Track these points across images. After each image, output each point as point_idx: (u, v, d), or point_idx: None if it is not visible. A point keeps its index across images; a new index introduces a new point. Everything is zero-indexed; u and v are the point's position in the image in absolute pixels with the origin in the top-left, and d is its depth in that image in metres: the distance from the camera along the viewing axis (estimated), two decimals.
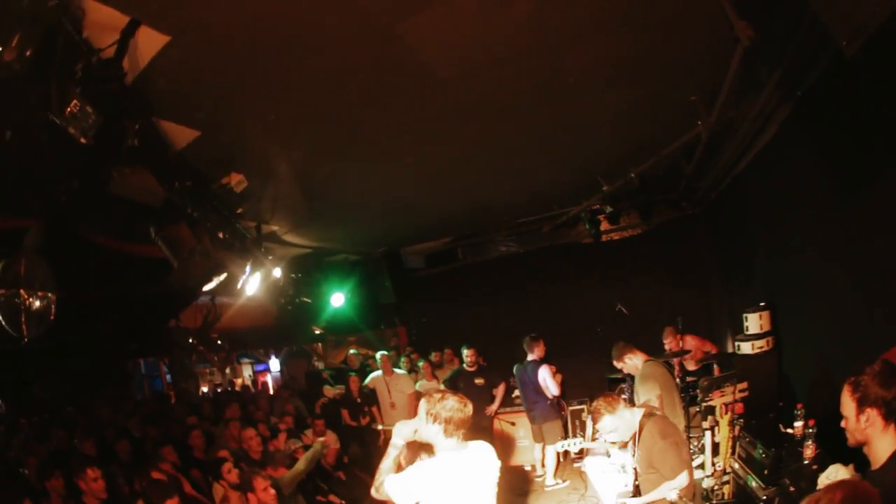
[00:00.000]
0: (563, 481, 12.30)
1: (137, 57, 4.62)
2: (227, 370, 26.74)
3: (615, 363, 9.06)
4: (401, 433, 5.21)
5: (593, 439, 10.02)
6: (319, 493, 10.21)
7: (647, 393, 8.21)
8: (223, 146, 6.51)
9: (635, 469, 6.71)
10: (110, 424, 13.12)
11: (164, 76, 4.94)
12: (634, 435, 6.50)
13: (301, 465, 8.99)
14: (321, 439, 9.68)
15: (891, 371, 3.88)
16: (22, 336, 6.36)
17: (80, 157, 4.75)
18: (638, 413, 6.51)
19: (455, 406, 5.02)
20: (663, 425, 6.40)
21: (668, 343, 11.22)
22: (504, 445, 13.78)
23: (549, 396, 12.26)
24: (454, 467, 5.02)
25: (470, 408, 5.14)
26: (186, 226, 6.27)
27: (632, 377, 10.96)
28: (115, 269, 9.88)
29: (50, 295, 6.59)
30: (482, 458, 5.23)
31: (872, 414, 3.79)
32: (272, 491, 7.33)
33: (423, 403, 5.13)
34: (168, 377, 24.37)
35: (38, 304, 6.44)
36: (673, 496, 6.00)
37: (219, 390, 22.94)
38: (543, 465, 12.65)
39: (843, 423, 4.02)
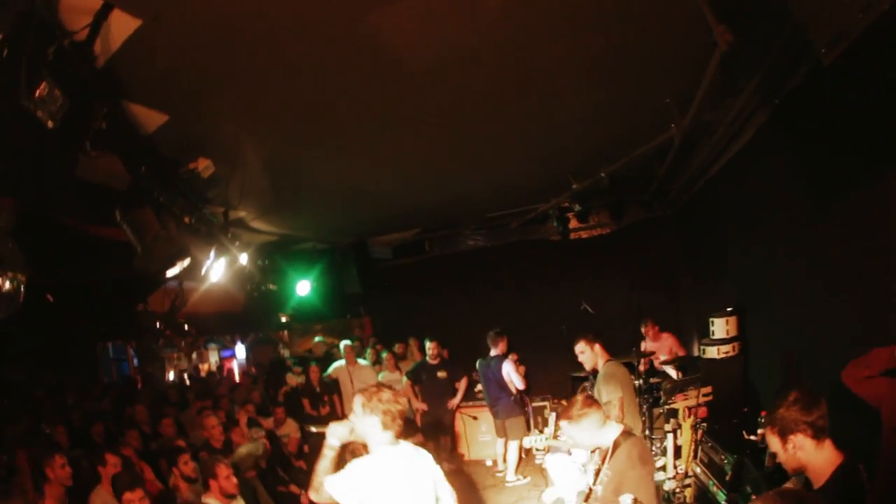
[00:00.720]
0: (525, 478, 12.32)
1: (109, 40, 4.61)
2: (194, 355, 26.71)
3: (575, 347, 8.83)
4: (336, 433, 5.26)
5: (555, 437, 10.02)
6: (280, 484, 10.21)
7: (609, 394, 7.99)
8: (192, 131, 6.51)
9: (590, 491, 6.31)
10: (76, 407, 13.08)
11: (135, 60, 4.93)
12: (605, 453, 6.10)
13: (243, 449, 9.00)
14: (261, 441, 9.64)
15: (810, 396, 3.97)
16: None
17: (48, 140, 4.71)
18: (615, 430, 6.09)
19: (391, 398, 5.07)
20: (643, 450, 6.00)
21: (649, 338, 11.35)
22: (466, 440, 13.84)
23: (513, 392, 12.30)
24: (393, 462, 5.06)
25: (404, 402, 5.25)
26: (152, 210, 6.25)
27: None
28: (84, 252, 9.91)
29: (20, 276, 6.56)
30: (419, 457, 5.29)
31: (798, 439, 3.90)
32: (234, 479, 7.31)
33: (357, 398, 5.17)
34: (135, 361, 24.27)
35: (7, 285, 6.39)
36: None
37: (185, 375, 22.93)
38: (505, 461, 12.66)
39: (777, 459, 4.13)
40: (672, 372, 10.98)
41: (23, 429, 11.38)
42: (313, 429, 5.81)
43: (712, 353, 9.07)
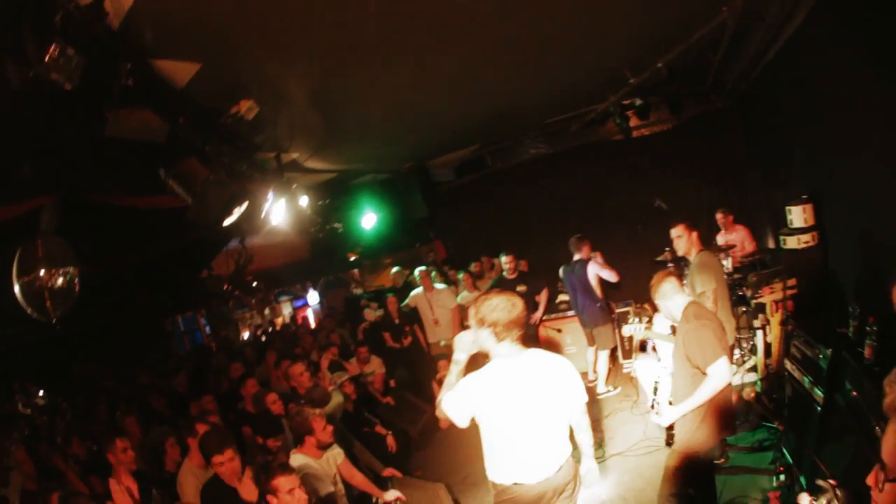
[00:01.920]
0: (615, 388, 12.12)
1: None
2: (267, 311, 26.92)
3: (672, 230, 8.40)
4: (463, 345, 4.96)
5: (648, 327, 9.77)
6: (366, 425, 10.09)
7: (703, 284, 7.72)
8: (228, 75, 6.06)
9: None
10: (152, 388, 13.10)
11: (151, 12, 4.60)
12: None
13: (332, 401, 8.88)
14: (340, 388, 9.51)
15: None
16: (49, 317, 6.28)
17: (72, 108, 4.51)
18: (685, 299, 6.10)
19: (500, 305, 4.74)
20: (698, 308, 6.00)
21: (724, 230, 10.98)
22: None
23: (600, 297, 12.00)
24: (508, 374, 4.74)
25: (519, 307, 4.81)
26: (196, 159, 6.00)
27: (678, 261, 10.67)
28: (137, 230, 9.71)
29: (72, 269, 6.48)
30: (546, 366, 4.90)
31: None
32: (330, 427, 7.15)
33: (471, 310, 4.87)
34: (207, 328, 24.53)
35: (60, 280, 6.35)
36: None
37: (258, 332, 23.05)
38: (595, 371, 12.46)
39: None
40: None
41: (100, 423, 11.45)
42: (442, 342, 5.60)
43: (792, 242, 8.71)
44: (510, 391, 4.72)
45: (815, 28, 7.69)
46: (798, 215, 8.62)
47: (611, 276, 11.88)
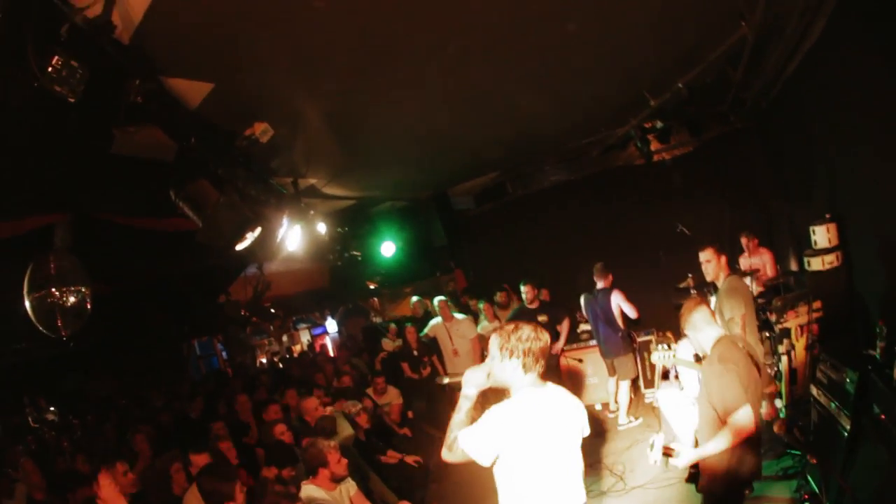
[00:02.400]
0: (636, 419, 11.88)
1: (130, 13, 4.19)
2: (285, 338, 26.83)
3: (700, 254, 8.26)
4: (473, 381, 4.64)
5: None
6: (379, 453, 9.93)
7: (731, 310, 7.55)
8: (242, 96, 5.97)
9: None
10: (165, 409, 13.00)
11: (162, 29, 4.48)
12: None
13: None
14: (345, 430, 9.29)
15: None
16: (60, 335, 6.22)
17: (77, 122, 4.43)
18: (716, 332, 5.75)
19: (531, 335, 4.46)
20: (725, 348, 5.63)
21: (748, 253, 10.82)
22: (573, 384, 13.44)
23: (622, 327, 11.80)
24: (536, 407, 4.45)
25: (546, 337, 4.56)
26: (208, 181, 5.90)
27: (702, 287, 10.49)
28: (153, 252, 9.69)
29: (83, 289, 6.44)
30: (565, 400, 4.66)
31: None
32: (345, 460, 6.98)
33: (494, 339, 4.57)
34: (224, 354, 24.50)
35: (72, 299, 6.32)
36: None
37: (275, 359, 22.97)
38: (616, 402, 12.26)
39: None
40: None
41: (109, 441, 11.36)
42: (446, 380, 5.30)
43: (817, 264, 8.42)
44: (538, 426, 4.44)
45: (834, 40, 7.52)
46: (822, 235, 8.38)
47: (631, 312, 11.71)
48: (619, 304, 11.67)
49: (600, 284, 11.86)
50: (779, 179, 12.24)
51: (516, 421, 4.38)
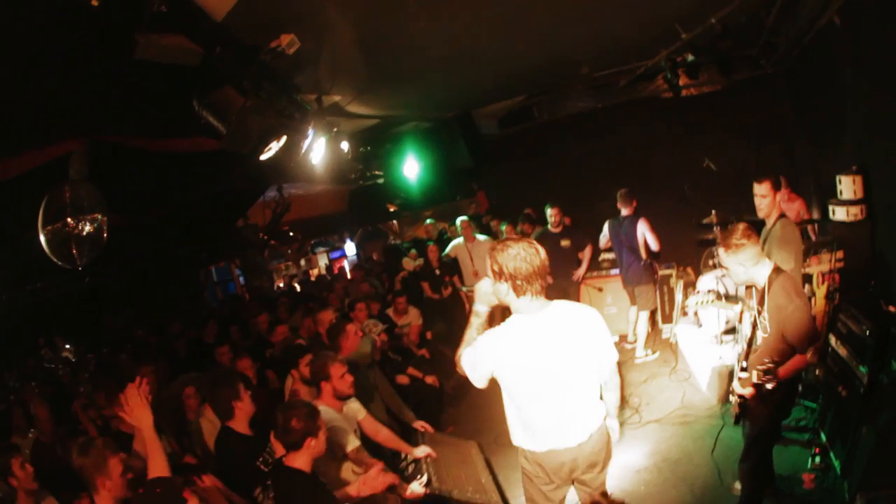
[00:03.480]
0: (653, 353, 11.91)
1: None
2: (303, 261, 26.86)
3: (756, 186, 7.62)
4: (483, 296, 4.52)
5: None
6: (396, 372, 9.91)
7: (783, 262, 6.71)
8: (269, 7, 5.85)
9: (750, 336, 5.78)
10: (180, 336, 13.00)
11: None
12: (761, 294, 5.63)
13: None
14: (371, 337, 9.03)
15: None
16: (75, 264, 6.17)
17: (99, 27, 4.31)
18: (767, 267, 5.59)
19: (520, 254, 4.22)
20: (796, 283, 5.59)
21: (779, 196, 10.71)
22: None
23: (644, 256, 11.76)
24: (531, 332, 4.27)
25: (542, 255, 4.30)
26: (233, 88, 5.77)
27: (725, 224, 10.35)
28: (171, 177, 9.55)
29: (100, 216, 6.34)
30: (573, 320, 4.42)
31: None
32: (350, 378, 6.82)
33: (488, 259, 4.36)
34: (241, 279, 24.53)
35: (88, 227, 6.25)
36: None
37: (293, 283, 22.97)
38: (636, 333, 12.26)
39: None
40: None
41: (124, 371, 11.38)
42: (465, 288, 5.19)
43: (841, 214, 8.31)
44: (533, 350, 4.28)
45: None
46: (848, 186, 8.26)
47: (653, 243, 11.65)
48: (644, 233, 11.60)
49: (625, 212, 11.80)
50: (805, 126, 12.10)
51: (505, 346, 4.29)
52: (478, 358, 4.36)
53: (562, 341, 4.35)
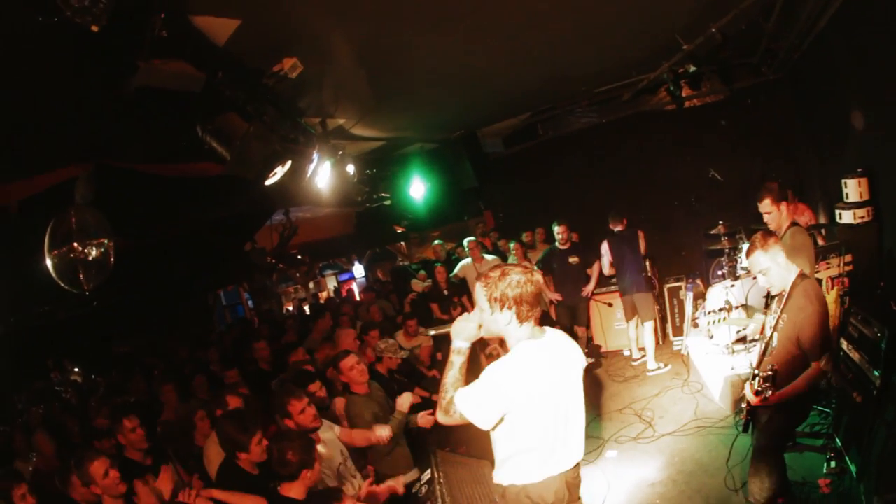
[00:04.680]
0: (665, 365, 11.87)
1: None
2: (311, 285, 26.88)
3: (759, 204, 7.71)
4: (461, 333, 4.29)
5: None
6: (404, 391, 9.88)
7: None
8: (271, 32, 5.79)
9: (767, 341, 5.80)
10: (189, 362, 12.99)
11: None
12: (783, 298, 5.60)
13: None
14: (404, 410, 8.57)
15: None
16: (82, 289, 6.17)
17: (100, 54, 4.33)
18: (794, 271, 5.61)
19: (522, 280, 4.05)
20: (818, 288, 5.51)
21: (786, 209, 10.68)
22: (602, 329, 13.43)
23: (644, 264, 11.93)
24: (539, 361, 4.10)
25: (538, 277, 4.18)
26: (236, 114, 5.79)
27: (732, 250, 10.39)
28: (177, 201, 9.59)
29: (106, 241, 6.35)
30: (565, 346, 4.34)
31: None
32: (310, 411, 6.16)
33: (480, 289, 4.15)
34: (249, 302, 24.56)
35: (94, 252, 6.26)
36: None
37: (303, 306, 22.97)
38: (641, 348, 12.30)
39: None
40: None
41: (133, 398, 11.39)
42: (431, 332, 4.99)
43: (848, 217, 8.45)
44: (543, 381, 4.10)
45: None
46: (853, 189, 8.36)
47: (642, 247, 11.88)
48: (641, 241, 11.80)
49: (619, 228, 11.96)
50: (809, 131, 12.17)
51: (520, 380, 4.05)
52: (491, 394, 4.08)
53: (565, 368, 4.27)
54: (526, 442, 4.20)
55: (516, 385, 4.03)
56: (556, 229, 12.56)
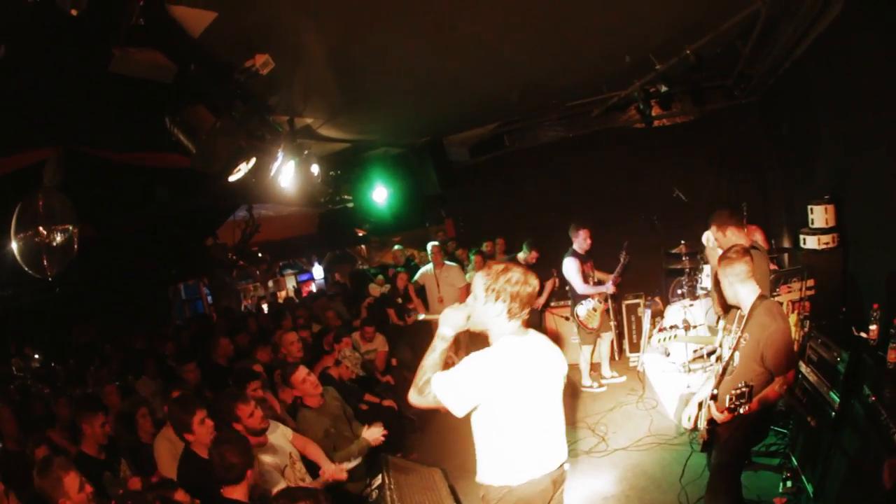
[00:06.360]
0: (619, 375, 12.01)
1: None
2: (270, 283, 26.85)
3: (710, 233, 7.73)
4: (449, 321, 4.36)
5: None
6: (357, 399, 9.84)
7: (752, 292, 7.21)
8: (245, 27, 5.76)
9: (727, 360, 5.82)
10: (147, 354, 12.89)
11: None
12: (745, 315, 5.65)
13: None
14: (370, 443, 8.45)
15: None
16: (46, 275, 6.14)
17: (77, 37, 4.29)
18: (753, 291, 5.65)
19: (521, 279, 4.22)
20: (779, 308, 5.60)
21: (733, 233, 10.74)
22: (556, 343, 13.45)
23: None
24: (519, 357, 4.22)
25: (536, 283, 4.31)
26: (205, 107, 5.74)
27: (693, 271, 10.46)
28: (143, 191, 9.57)
29: (71, 228, 6.33)
30: (547, 350, 4.46)
31: None
32: (258, 413, 6.33)
33: (480, 278, 4.31)
34: (209, 298, 24.46)
35: (59, 238, 6.25)
36: None
37: (261, 304, 22.98)
38: (591, 364, 12.32)
39: None
40: None
41: (91, 386, 11.31)
42: (421, 316, 5.06)
43: (812, 242, 8.58)
44: (521, 377, 4.21)
45: (847, 25, 7.49)
46: (820, 215, 8.48)
47: (577, 284, 11.75)
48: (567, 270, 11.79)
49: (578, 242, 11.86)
50: (778, 156, 12.22)
51: (498, 371, 4.17)
52: (469, 382, 4.18)
53: (544, 369, 4.39)
54: (510, 439, 4.27)
55: (494, 375, 4.15)
56: (528, 250, 12.88)
